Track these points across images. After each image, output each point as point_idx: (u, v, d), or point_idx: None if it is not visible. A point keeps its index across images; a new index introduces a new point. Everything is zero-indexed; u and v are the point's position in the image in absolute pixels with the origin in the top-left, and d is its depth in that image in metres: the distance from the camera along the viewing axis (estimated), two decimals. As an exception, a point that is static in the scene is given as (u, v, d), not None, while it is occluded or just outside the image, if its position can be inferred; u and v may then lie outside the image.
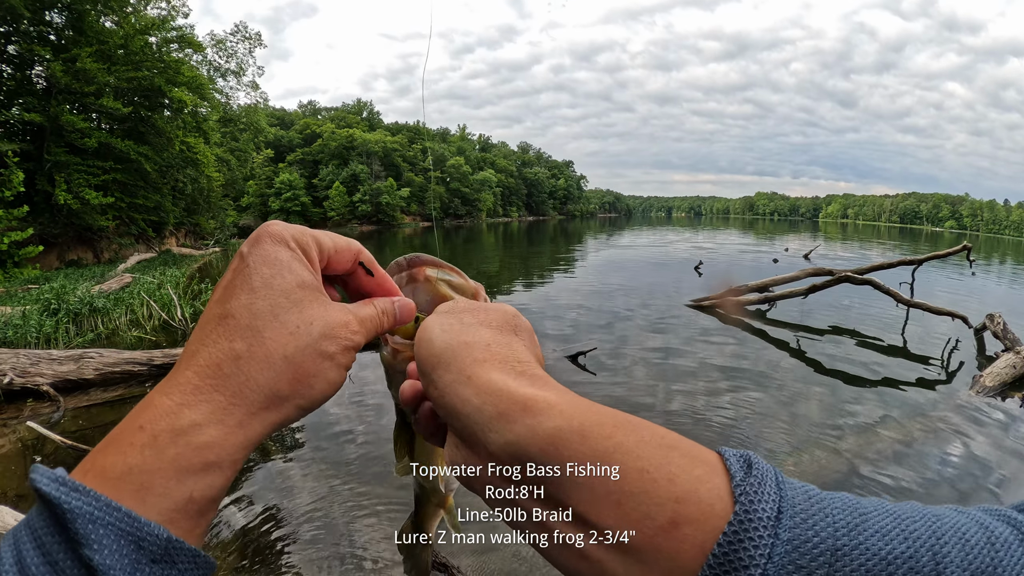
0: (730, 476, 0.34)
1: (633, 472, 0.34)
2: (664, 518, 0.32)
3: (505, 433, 0.39)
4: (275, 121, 75.38)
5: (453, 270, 0.67)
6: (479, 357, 0.45)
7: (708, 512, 0.32)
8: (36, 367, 6.97)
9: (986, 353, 8.97)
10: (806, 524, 0.31)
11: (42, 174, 20.66)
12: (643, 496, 0.33)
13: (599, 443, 0.36)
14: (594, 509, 0.35)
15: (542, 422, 0.38)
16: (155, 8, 27.14)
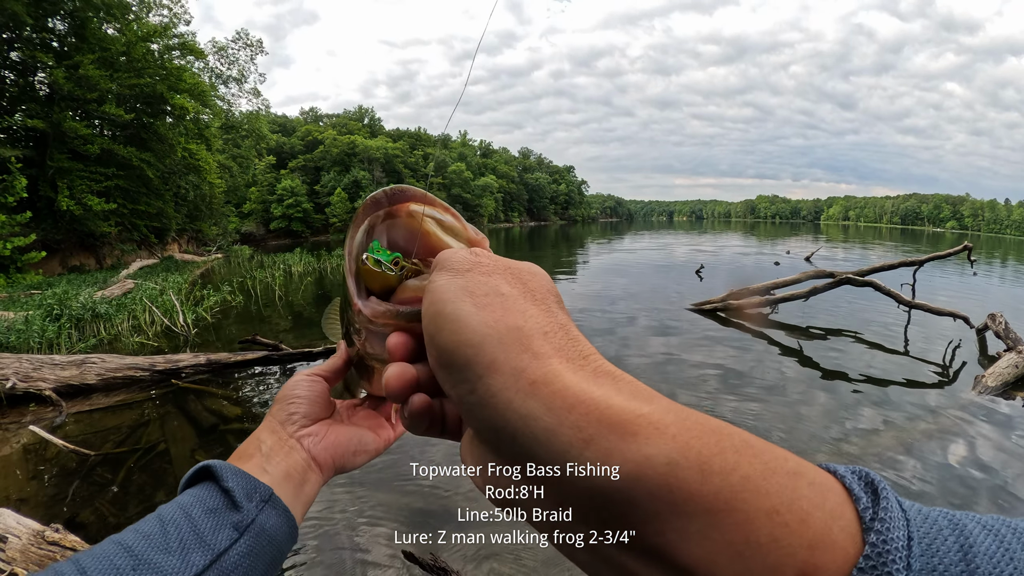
0: (854, 503, 0.28)
1: (762, 515, 0.27)
2: (795, 568, 0.26)
3: (594, 469, 0.29)
4: (277, 128, 75.52)
5: (447, 209, 0.54)
6: (538, 350, 0.34)
7: (842, 557, 0.26)
8: (39, 372, 6.98)
9: (988, 353, 8.94)
10: (932, 549, 0.26)
11: (45, 180, 20.74)
12: (772, 545, 0.26)
13: (723, 479, 0.28)
14: (707, 565, 0.27)
15: (651, 456, 0.29)
16: (157, 15, 27.29)
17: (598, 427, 0.30)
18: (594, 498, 0.29)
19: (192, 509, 0.54)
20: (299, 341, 9.43)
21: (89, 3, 21.66)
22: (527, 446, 0.31)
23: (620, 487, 0.29)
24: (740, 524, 0.27)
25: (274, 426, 0.71)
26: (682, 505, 0.27)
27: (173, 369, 7.56)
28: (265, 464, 0.65)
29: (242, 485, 0.58)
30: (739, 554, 0.26)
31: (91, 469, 5.17)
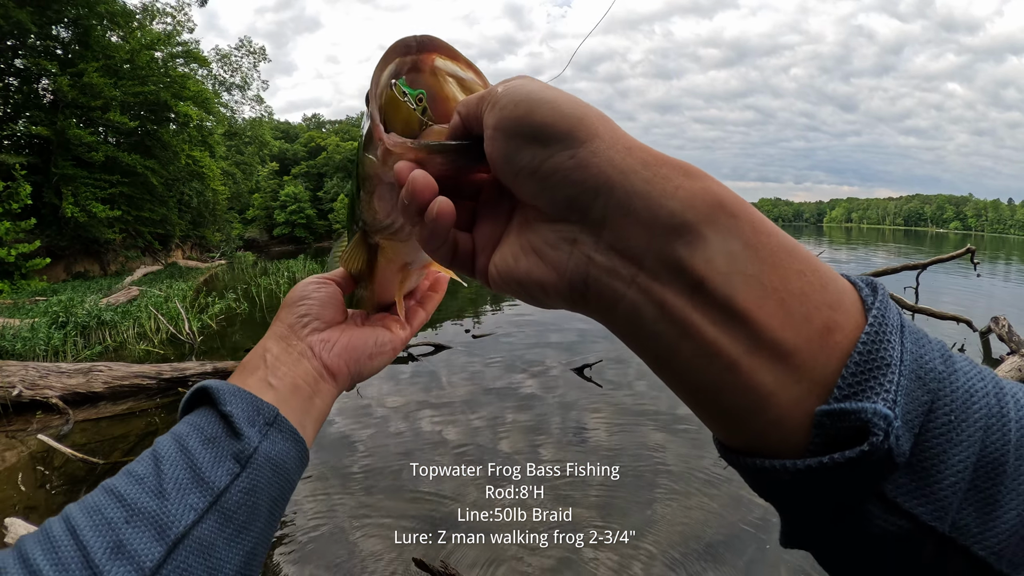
0: (858, 290, 0.33)
1: (793, 272, 0.32)
2: (820, 322, 0.31)
3: (685, 209, 0.33)
4: (280, 134, 75.70)
5: (471, 67, 0.53)
6: (621, 130, 0.39)
7: (854, 320, 0.31)
8: (45, 380, 7.02)
9: (992, 356, 8.93)
10: (920, 344, 0.31)
11: (49, 187, 20.81)
12: (802, 298, 0.31)
13: (767, 239, 0.33)
14: (759, 305, 0.31)
15: (726, 202, 0.34)
16: (160, 23, 27.43)
17: (683, 177, 0.34)
18: (677, 235, 0.33)
19: (188, 440, 0.51)
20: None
21: (93, 11, 21.78)
22: (623, 198, 0.35)
23: (700, 221, 0.33)
24: (781, 276, 0.31)
25: (282, 331, 0.67)
26: (744, 245, 0.32)
27: (180, 377, 7.60)
28: (270, 376, 0.61)
29: (243, 408, 0.55)
30: (781, 300, 0.31)
31: (100, 478, 5.19)
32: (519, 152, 0.39)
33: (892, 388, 0.29)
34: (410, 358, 9.10)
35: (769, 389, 0.31)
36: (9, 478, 5.29)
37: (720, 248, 0.32)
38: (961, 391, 0.30)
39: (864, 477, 0.29)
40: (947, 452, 0.29)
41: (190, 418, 0.54)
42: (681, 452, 5.49)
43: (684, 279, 0.33)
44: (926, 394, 0.30)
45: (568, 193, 0.37)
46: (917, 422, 0.29)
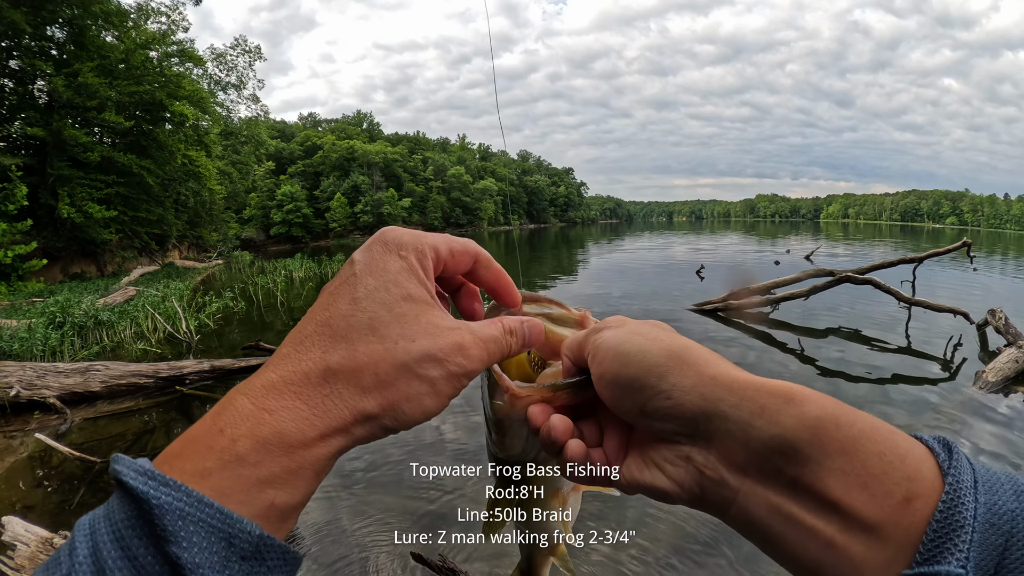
0: (935, 455, 0.37)
1: (874, 456, 0.37)
2: (900, 495, 0.35)
3: (771, 427, 0.39)
4: (276, 133, 75.63)
5: (552, 302, 0.63)
6: (705, 357, 0.45)
7: (931, 487, 0.35)
8: (43, 380, 7.01)
9: (989, 349, 8.96)
10: (993, 490, 0.35)
11: (45, 188, 20.79)
12: (883, 477, 0.36)
13: (849, 430, 0.38)
14: (847, 493, 0.36)
15: (806, 411, 0.39)
16: (155, 23, 27.38)
17: (768, 398, 0.40)
18: (772, 448, 0.39)
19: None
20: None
21: (88, 11, 21.75)
22: (719, 423, 0.42)
23: (788, 434, 0.39)
24: (863, 461, 0.37)
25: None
26: (827, 446, 0.38)
27: (177, 376, 7.59)
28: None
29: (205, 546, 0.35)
30: (864, 484, 0.36)
31: (97, 476, 5.19)
32: (624, 398, 0.47)
33: (965, 547, 0.33)
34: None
35: (861, 558, 0.36)
36: (8, 477, 5.28)
37: (812, 458, 0.38)
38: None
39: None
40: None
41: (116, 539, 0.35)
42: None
43: (783, 479, 0.39)
44: (1000, 537, 0.34)
45: (673, 426, 0.45)
46: (992, 564, 0.33)
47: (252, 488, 0.38)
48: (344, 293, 0.47)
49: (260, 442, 0.39)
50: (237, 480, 0.38)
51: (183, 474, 0.37)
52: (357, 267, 0.48)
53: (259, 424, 0.40)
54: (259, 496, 0.39)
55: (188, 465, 0.38)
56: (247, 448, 0.39)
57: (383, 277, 0.48)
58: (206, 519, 0.35)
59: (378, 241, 0.50)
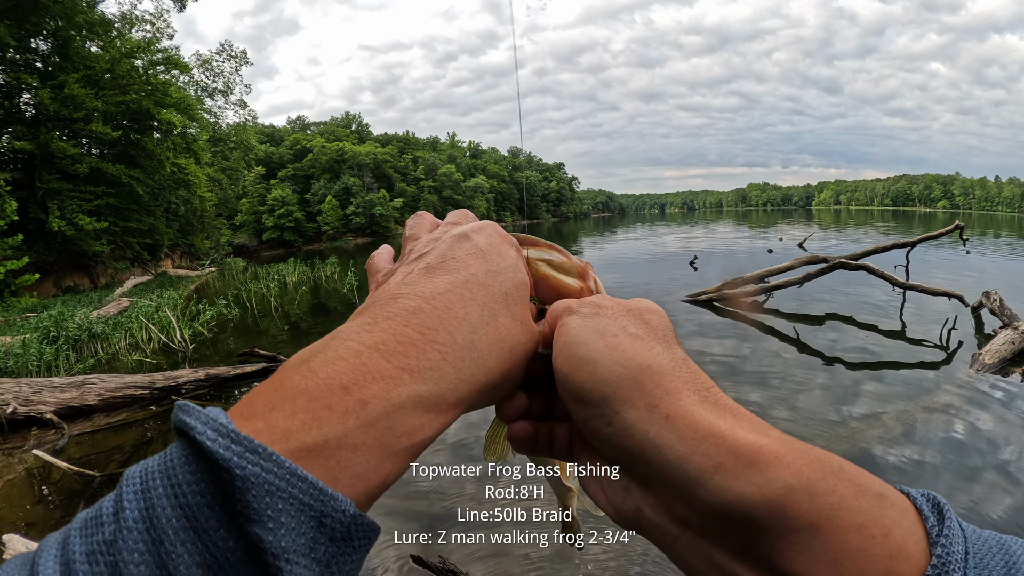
0: (924, 522, 0.33)
1: (853, 530, 0.32)
2: (886, 546, 0.31)
3: (723, 492, 0.33)
4: (265, 138, 75.33)
5: (552, 247, 0.59)
6: (668, 386, 0.38)
7: (915, 566, 0.31)
8: (39, 395, 6.97)
9: (984, 331, 8.99)
10: (983, 563, 0.32)
11: (35, 202, 20.70)
12: (860, 554, 0.31)
13: (825, 500, 0.32)
14: (810, 570, 0.32)
15: (771, 480, 0.33)
16: (140, 31, 27.23)
17: (726, 456, 0.34)
18: (722, 515, 0.34)
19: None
20: (297, 350, 9.42)
21: (72, 22, 21.63)
22: (661, 471, 0.36)
23: (743, 504, 0.33)
24: (837, 537, 0.31)
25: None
26: (793, 521, 0.32)
27: (173, 385, 7.55)
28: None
29: (295, 528, 0.29)
30: (835, 561, 0.31)
31: (97, 490, 5.17)
32: (568, 401, 0.41)
33: None
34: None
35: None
36: (7, 495, 5.25)
37: (772, 531, 0.33)
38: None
39: None
40: None
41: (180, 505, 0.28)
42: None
43: (732, 544, 0.34)
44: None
45: (611, 454, 0.40)
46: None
47: (373, 461, 0.34)
48: (472, 256, 0.45)
49: (393, 410, 0.35)
50: (361, 451, 0.34)
51: (288, 435, 0.32)
52: (477, 240, 0.47)
53: (395, 387, 0.35)
54: (376, 472, 0.34)
55: (297, 424, 0.32)
56: (378, 414, 0.34)
57: (507, 259, 0.47)
58: (298, 495, 0.29)
59: (491, 227, 0.49)
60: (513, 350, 0.43)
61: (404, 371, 0.36)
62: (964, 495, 4.33)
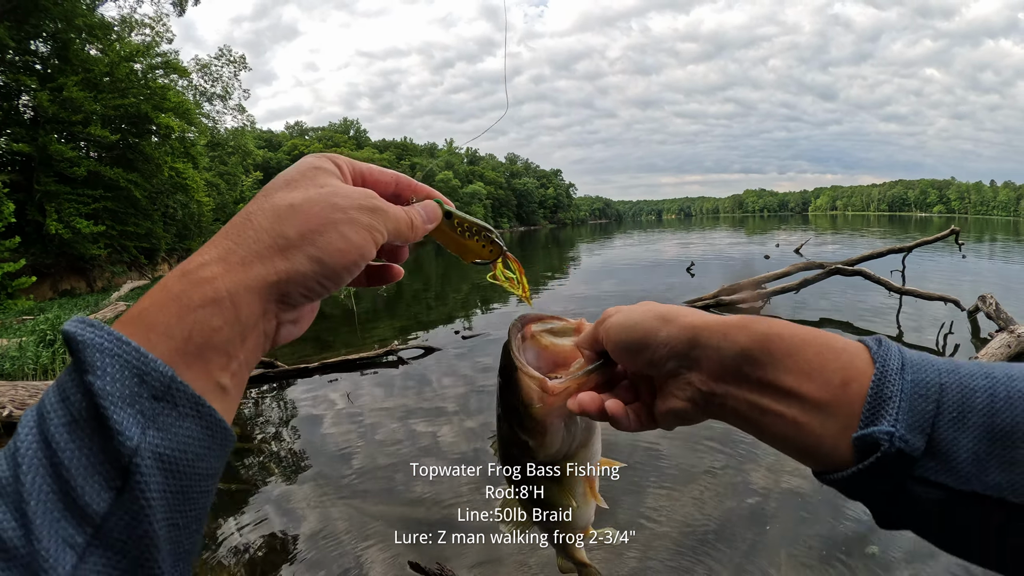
0: (868, 348, 0.48)
1: (814, 354, 0.49)
2: (839, 380, 0.47)
3: (732, 345, 0.52)
4: (263, 143, 75.34)
5: (554, 318, 0.75)
6: (685, 312, 0.59)
7: (863, 372, 0.46)
8: (35, 399, 6.91)
9: (980, 335, 9.04)
10: (920, 369, 0.45)
11: (32, 204, 20.65)
12: (825, 367, 0.48)
13: (790, 339, 0.50)
14: (798, 383, 0.49)
15: (755, 330, 0.52)
16: (139, 35, 27.23)
17: (729, 327, 0.54)
18: (738, 359, 0.52)
19: (51, 422, 0.37)
20: (293, 356, 9.45)
21: (71, 24, 21.64)
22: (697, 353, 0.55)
23: (748, 346, 0.51)
24: (805, 359, 0.49)
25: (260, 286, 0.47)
26: (774, 352, 0.50)
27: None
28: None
29: (117, 377, 0.37)
30: (809, 375, 0.48)
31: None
32: (636, 356, 0.61)
33: (894, 413, 0.43)
34: (400, 362, 9.08)
35: (820, 431, 0.47)
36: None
37: (767, 362, 0.51)
38: (958, 395, 0.43)
39: (894, 470, 0.43)
40: (958, 438, 0.42)
41: (61, 378, 0.39)
42: (676, 452, 5.51)
43: (752, 380, 0.52)
44: (930, 404, 0.43)
45: (674, 363, 0.57)
46: (927, 425, 0.43)
47: (173, 317, 0.42)
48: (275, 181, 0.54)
49: (184, 274, 0.44)
50: (161, 310, 0.42)
51: (122, 316, 0.43)
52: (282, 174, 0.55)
53: (188, 263, 0.46)
54: (179, 325, 0.41)
55: (130, 309, 0.43)
56: (173, 281, 0.44)
57: (302, 166, 0.55)
58: (121, 354, 0.38)
59: (303, 157, 0.56)
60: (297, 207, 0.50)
61: (210, 247, 0.47)
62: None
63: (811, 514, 4.27)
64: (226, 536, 4.44)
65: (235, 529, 4.53)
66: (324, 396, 7.72)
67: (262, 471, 5.66)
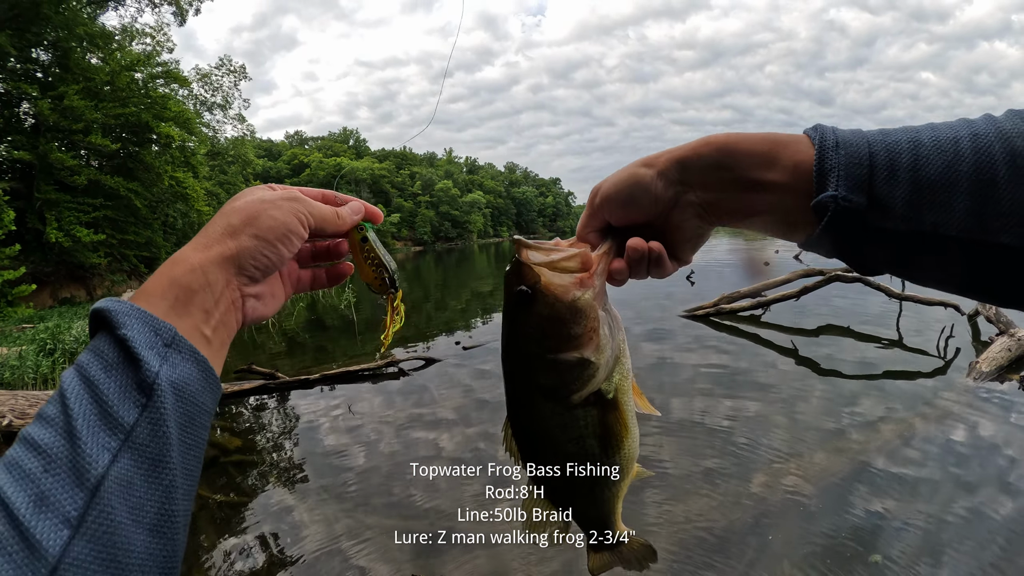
0: (809, 136, 0.59)
1: (768, 152, 0.60)
2: (791, 165, 0.58)
3: (702, 158, 0.63)
4: (262, 152, 75.63)
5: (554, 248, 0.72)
6: (660, 153, 0.67)
7: (808, 156, 0.57)
8: (35, 409, 6.93)
9: (981, 338, 9.03)
10: (851, 144, 0.56)
11: (32, 212, 20.69)
12: (779, 157, 0.59)
13: (747, 144, 0.61)
14: (762, 173, 0.60)
15: (715, 141, 0.62)
16: (140, 44, 27.36)
17: (699, 145, 0.63)
18: (711, 169, 0.62)
19: (90, 370, 0.50)
20: (294, 367, 9.41)
21: (72, 33, 21.75)
22: (685, 172, 0.64)
23: (713, 157, 0.62)
24: (762, 155, 0.59)
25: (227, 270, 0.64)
26: (736, 156, 0.61)
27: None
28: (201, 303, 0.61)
29: (139, 330, 0.53)
30: (770, 166, 0.59)
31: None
32: (637, 208, 0.67)
33: (835, 180, 0.54)
34: (401, 373, 9.06)
35: (791, 205, 0.59)
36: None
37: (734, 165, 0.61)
38: (886, 158, 0.54)
39: (849, 223, 0.55)
40: (892, 192, 0.54)
41: (92, 344, 0.53)
42: (677, 454, 5.50)
43: (731, 182, 0.62)
44: (863, 169, 0.54)
45: (673, 191, 0.65)
46: (864, 185, 0.54)
47: (166, 286, 0.59)
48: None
49: (168, 262, 0.62)
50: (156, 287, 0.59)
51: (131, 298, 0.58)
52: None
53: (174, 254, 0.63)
54: (170, 289, 0.58)
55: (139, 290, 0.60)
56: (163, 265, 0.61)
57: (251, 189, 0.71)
58: (140, 316, 0.54)
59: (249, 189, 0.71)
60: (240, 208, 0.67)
61: (188, 243, 0.63)
62: (966, 503, 4.33)
63: (813, 522, 4.24)
64: (228, 545, 4.42)
65: (236, 538, 4.51)
66: (325, 407, 7.70)
67: (263, 481, 5.65)
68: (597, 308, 0.68)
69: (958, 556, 3.73)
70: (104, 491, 0.45)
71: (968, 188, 0.51)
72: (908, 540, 3.93)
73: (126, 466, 0.47)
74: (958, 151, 0.53)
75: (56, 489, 0.44)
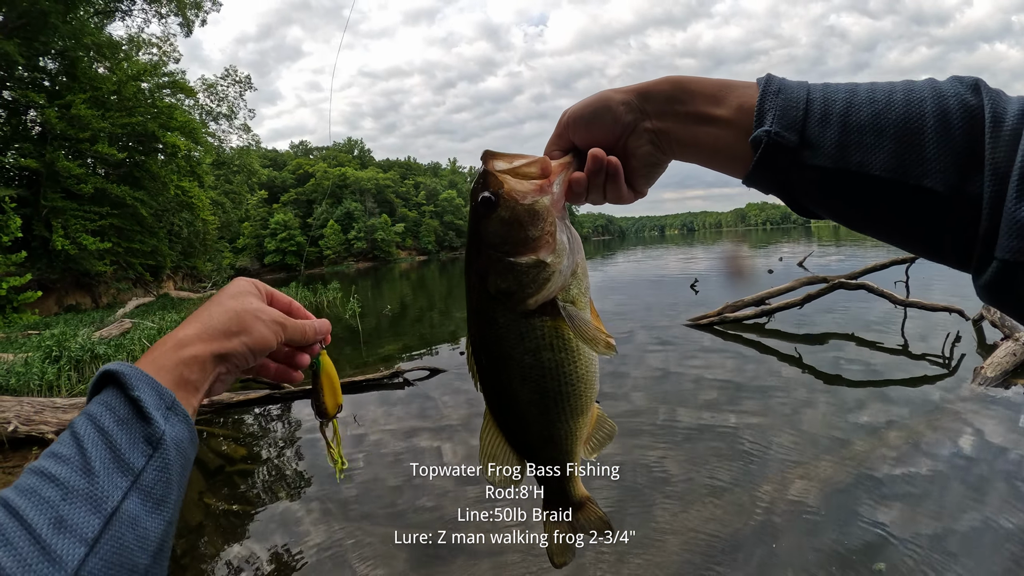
0: (758, 83, 0.67)
1: (716, 92, 0.69)
2: (737, 104, 0.66)
3: (658, 93, 0.71)
4: (268, 162, 75.89)
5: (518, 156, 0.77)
6: (627, 84, 0.75)
7: (753, 96, 0.65)
8: (40, 415, 6.96)
9: (986, 343, 8.98)
10: (789, 89, 0.64)
11: (39, 220, 20.80)
12: (728, 96, 0.67)
13: (697, 84, 0.69)
14: (711, 108, 0.68)
15: (670, 79, 0.72)
16: (146, 54, 27.55)
17: (658, 81, 0.73)
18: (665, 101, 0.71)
19: (103, 421, 0.59)
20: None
21: (80, 43, 21.94)
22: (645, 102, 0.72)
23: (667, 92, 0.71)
24: (711, 94, 0.69)
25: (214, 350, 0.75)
26: (689, 91, 0.70)
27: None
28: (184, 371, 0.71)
29: (149, 393, 0.62)
30: (717, 103, 0.68)
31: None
32: (600, 128, 0.74)
33: (771, 119, 0.62)
34: (406, 383, 9.05)
35: (735, 139, 0.66)
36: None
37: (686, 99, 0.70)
38: (821, 104, 0.61)
39: (781, 158, 0.62)
40: (824, 133, 0.60)
41: (101, 398, 0.62)
42: (680, 459, 5.48)
43: (683, 114, 0.70)
44: (799, 112, 0.62)
45: (632, 116, 0.73)
46: (798, 125, 0.61)
47: (172, 364, 0.68)
48: (223, 291, 0.83)
49: (175, 342, 0.71)
50: (167, 359, 0.68)
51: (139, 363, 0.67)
52: (226, 286, 0.83)
53: (176, 335, 0.73)
54: (175, 371, 0.68)
55: (143, 360, 0.68)
56: (171, 346, 0.70)
57: (239, 286, 0.84)
58: (148, 382, 0.63)
59: (234, 280, 0.86)
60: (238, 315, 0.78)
61: (190, 325, 0.74)
62: (974, 509, 4.30)
63: (817, 530, 4.22)
64: (232, 553, 4.43)
65: (240, 546, 4.51)
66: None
67: (268, 490, 5.65)
68: (554, 213, 0.73)
69: (966, 564, 3.70)
70: (116, 520, 0.53)
71: (895, 134, 0.57)
72: (913, 548, 3.90)
73: (134, 504, 0.56)
74: (891, 101, 0.59)
75: (73, 515, 0.51)
